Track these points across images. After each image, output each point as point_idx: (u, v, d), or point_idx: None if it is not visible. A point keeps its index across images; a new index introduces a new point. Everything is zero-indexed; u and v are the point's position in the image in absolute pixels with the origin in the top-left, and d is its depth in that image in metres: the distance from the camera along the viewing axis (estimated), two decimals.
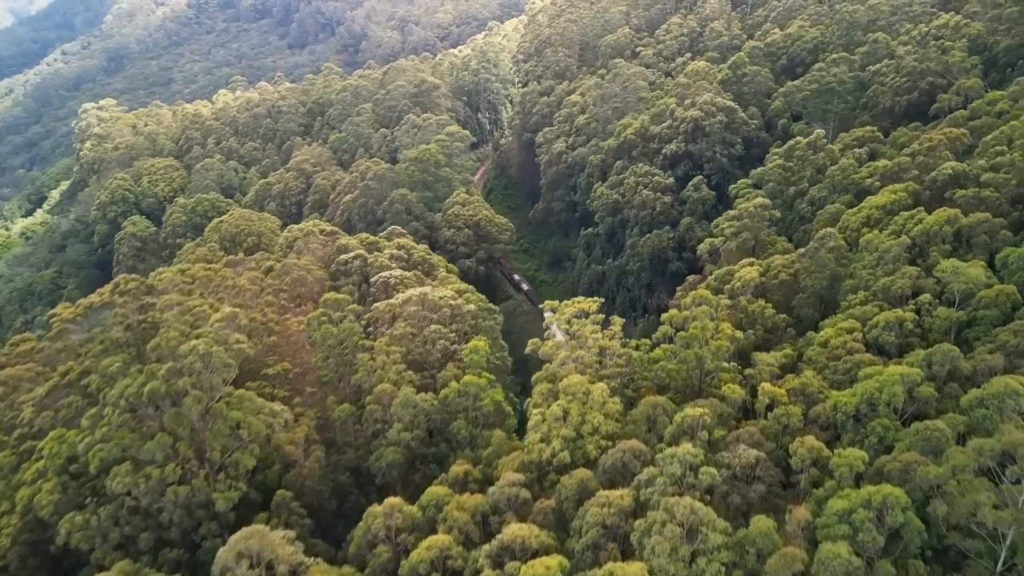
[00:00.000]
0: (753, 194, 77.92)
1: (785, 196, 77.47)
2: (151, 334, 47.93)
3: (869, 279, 53.52)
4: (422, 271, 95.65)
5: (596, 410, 42.02)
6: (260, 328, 57.69)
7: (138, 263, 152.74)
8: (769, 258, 66.69)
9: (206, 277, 62.08)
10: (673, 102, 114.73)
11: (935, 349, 43.12)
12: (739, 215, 69.95)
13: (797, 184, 76.16)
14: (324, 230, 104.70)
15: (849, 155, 77.14)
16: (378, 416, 50.41)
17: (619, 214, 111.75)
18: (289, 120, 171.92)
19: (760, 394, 44.54)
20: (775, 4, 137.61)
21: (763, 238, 68.85)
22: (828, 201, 73.09)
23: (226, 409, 44.58)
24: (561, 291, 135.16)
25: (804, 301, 57.58)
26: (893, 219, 58.79)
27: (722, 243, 69.91)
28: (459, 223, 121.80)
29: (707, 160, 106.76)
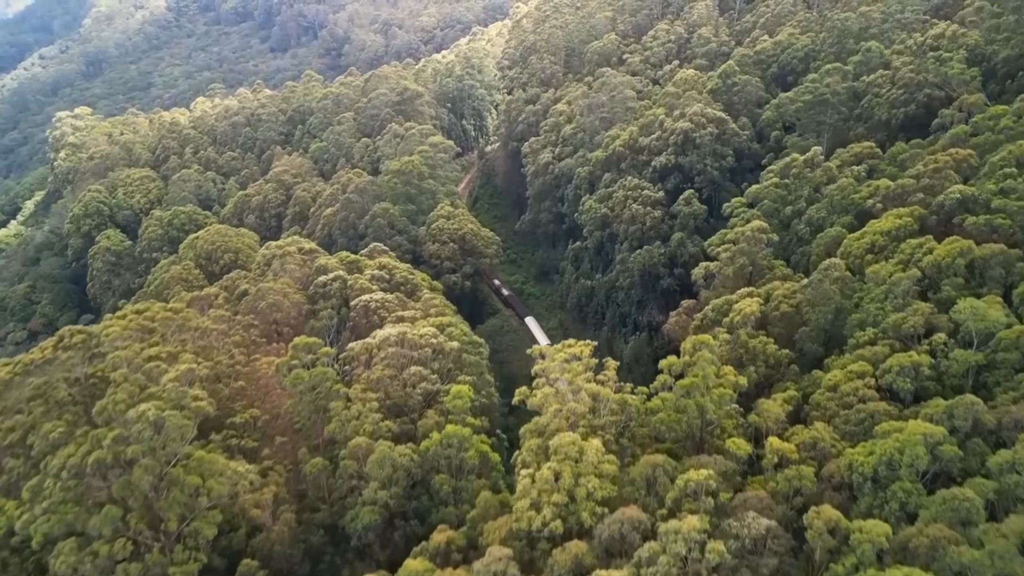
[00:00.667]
0: (748, 213, 74.19)
1: (781, 216, 73.83)
2: (101, 390, 43.48)
3: (877, 314, 49.90)
4: (404, 292, 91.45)
5: (591, 472, 38.16)
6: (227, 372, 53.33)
7: (113, 278, 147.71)
8: (768, 284, 62.95)
9: (166, 319, 57.44)
10: (662, 112, 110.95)
11: (957, 401, 39.53)
12: (735, 239, 66.17)
13: (794, 204, 72.53)
14: (303, 248, 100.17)
15: (847, 172, 73.58)
16: (353, 472, 46.30)
17: (608, 228, 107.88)
18: (269, 129, 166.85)
19: (768, 450, 40.82)
20: (763, 10, 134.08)
21: (761, 262, 65.16)
22: (827, 222, 69.49)
23: (183, 474, 40.26)
24: (549, 304, 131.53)
25: (807, 335, 53.90)
26: (899, 247, 55.22)
27: (718, 268, 66.11)
28: (444, 237, 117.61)
29: (698, 173, 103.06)
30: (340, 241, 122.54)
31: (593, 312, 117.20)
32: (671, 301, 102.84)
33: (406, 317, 79.87)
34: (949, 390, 44.01)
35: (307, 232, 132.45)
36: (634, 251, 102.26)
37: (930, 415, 39.68)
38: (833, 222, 68.73)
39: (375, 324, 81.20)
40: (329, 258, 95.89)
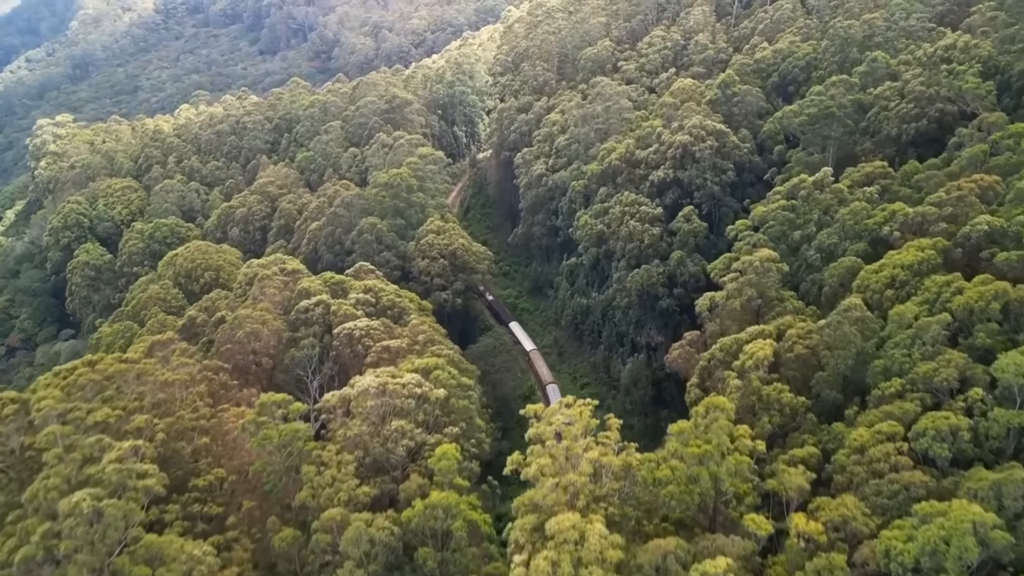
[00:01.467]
0: (754, 238, 69.33)
1: (790, 240, 68.99)
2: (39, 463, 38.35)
3: (904, 362, 45.19)
4: (392, 316, 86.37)
5: (592, 561, 33.37)
6: (190, 427, 48.27)
7: (92, 294, 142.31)
8: (779, 319, 58.09)
9: (121, 372, 52.16)
10: (659, 124, 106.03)
11: (1005, 477, 34.87)
12: (743, 268, 61.31)
13: (803, 228, 67.72)
14: (285, 268, 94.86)
15: (859, 193, 68.83)
16: (327, 546, 41.39)
17: (604, 245, 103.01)
18: (254, 137, 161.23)
19: (792, 531, 36.09)
20: (762, 16, 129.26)
21: (770, 294, 60.38)
22: (839, 249, 64.70)
23: (129, 564, 35.14)
24: (543, 319, 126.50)
25: (825, 381, 49.13)
26: (923, 283, 50.49)
27: (724, 299, 61.28)
28: (433, 253, 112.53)
29: (697, 188, 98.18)
30: (326, 257, 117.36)
31: (589, 330, 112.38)
32: (670, 321, 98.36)
33: (392, 348, 75.00)
34: (989, 453, 39.40)
35: (292, 246, 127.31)
36: (632, 270, 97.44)
37: (974, 491, 35.01)
38: (846, 249, 63.97)
39: (359, 354, 76.32)
40: (312, 280, 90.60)
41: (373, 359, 74.20)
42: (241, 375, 76.19)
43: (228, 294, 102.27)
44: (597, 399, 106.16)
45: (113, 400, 47.75)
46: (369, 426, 46.73)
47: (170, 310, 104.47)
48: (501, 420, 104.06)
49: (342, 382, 77.59)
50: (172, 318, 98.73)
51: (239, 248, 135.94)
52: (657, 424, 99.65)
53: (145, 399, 48.94)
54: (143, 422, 42.68)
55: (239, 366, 76.24)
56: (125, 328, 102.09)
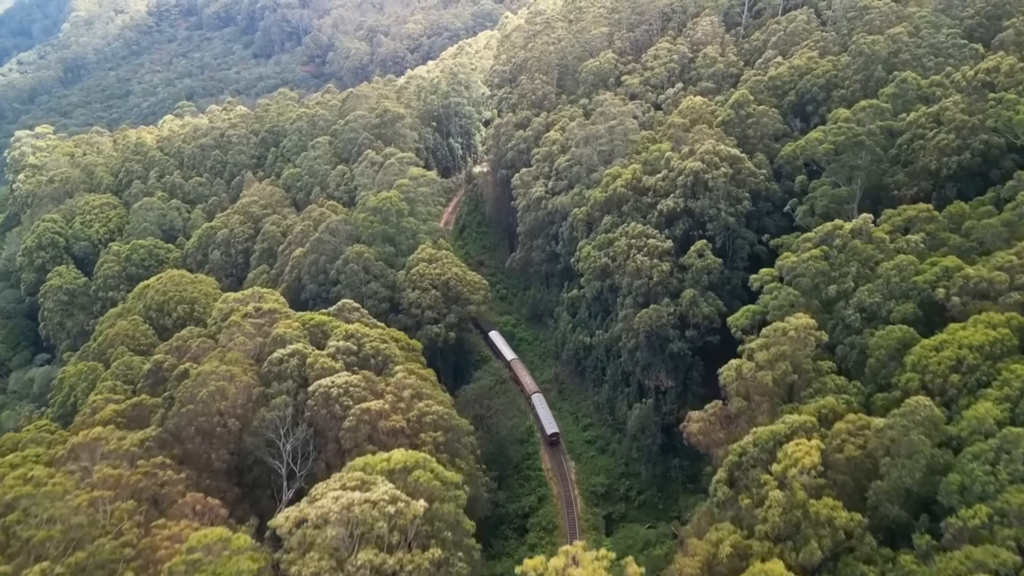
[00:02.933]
0: (782, 293, 60.28)
1: (823, 295, 60.00)
2: None
3: (987, 482, 36.51)
4: (375, 366, 77.44)
5: None
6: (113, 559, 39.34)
7: (65, 319, 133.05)
8: (816, 397, 49.19)
9: (28, 494, 42.84)
10: (668, 148, 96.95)
11: None
12: (774, 337, 52.31)
13: (839, 282, 58.69)
14: (260, 308, 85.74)
15: (901, 242, 59.87)
16: None
17: (608, 278, 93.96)
18: (239, 152, 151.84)
19: None
20: (775, 27, 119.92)
21: (806, 366, 51.46)
22: (883, 309, 55.78)
23: None
24: (542, 351, 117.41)
25: (886, 494, 40.32)
26: (999, 372, 41.67)
27: (752, 371, 52.30)
28: (424, 283, 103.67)
29: (710, 219, 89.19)
30: (310, 287, 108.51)
31: (592, 367, 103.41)
32: (681, 364, 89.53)
33: (372, 411, 66.09)
34: None
35: (276, 272, 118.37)
36: (639, 308, 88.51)
37: None
38: (891, 310, 55.04)
39: (337, 415, 67.50)
40: (289, 322, 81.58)
41: (351, 423, 65.55)
42: (205, 439, 67.33)
43: (202, 331, 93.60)
44: (601, 441, 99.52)
45: (16, 533, 38.59)
46: (331, 561, 37.86)
47: (139, 348, 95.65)
48: (497, 467, 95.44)
49: (319, 446, 68.93)
50: (139, 359, 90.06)
51: (221, 272, 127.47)
52: (667, 473, 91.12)
53: (56, 526, 39.95)
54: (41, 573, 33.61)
55: (202, 429, 67.32)
56: (89, 370, 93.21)
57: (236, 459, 68.78)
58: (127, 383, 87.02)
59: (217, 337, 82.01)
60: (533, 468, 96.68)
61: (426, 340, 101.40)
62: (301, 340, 78.32)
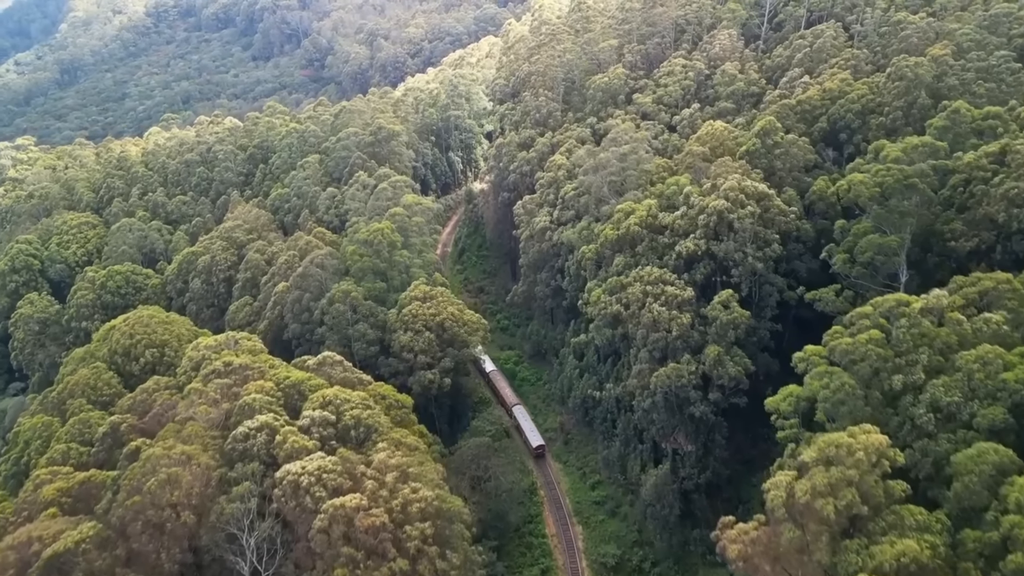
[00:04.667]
0: (835, 379, 49.51)
1: (886, 387, 49.27)
2: None
3: None
4: (356, 439, 66.93)
5: None
6: None
7: (36, 350, 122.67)
8: (890, 535, 38.61)
9: None
10: (687, 181, 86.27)
11: None
12: (835, 453, 41.53)
13: (906, 372, 47.99)
14: (231, 364, 75.30)
15: (979, 322, 49.15)
16: None
17: (621, 326, 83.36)
18: (226, 169, 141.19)
19: None
20: (799, 43, 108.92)
21: (875, 492, 40.86)
22: (964, 411, 45.15)
23: None
24: (545, 394, 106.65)
25: None
26: None
27: (807, 496, 41.39)
28: (417, 325, 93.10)
29: (735, 263, 78.44)
30: (293, 327, 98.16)
31: (601, 418, 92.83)
32: (703, 427, 78.97)
33: (348, 508, 55.59)
34: None
35: (259, 305, 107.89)
36: (655, 364, 78.02)
37: None
38: (974, 413, 44.41)
39: (307, 509, 57.13)
40: (261, 383, 71.04)
41: (323, 523, 55.16)
42: (154, 536, 57.04)
43: (170, 381, 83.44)
44: (611, 503, 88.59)
45: None
46: None
47: (101, 399, 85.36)
48: (496, 533, 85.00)
49: (287, 542, 58.51)
50: (97, 416, 79.96)
51: (202, 302, 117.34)
52: (684, 546, 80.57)
53: None
54: None
55: (151, 523, 57.01)
56: (44, 425, 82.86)
57: (191, 557, 58.45)
58: (83, 444, 77.14)
59: (186, 389, 71.54)
60: (536, 534, 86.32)
61: (419, 387, 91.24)
62: (273, 407, 68.04)
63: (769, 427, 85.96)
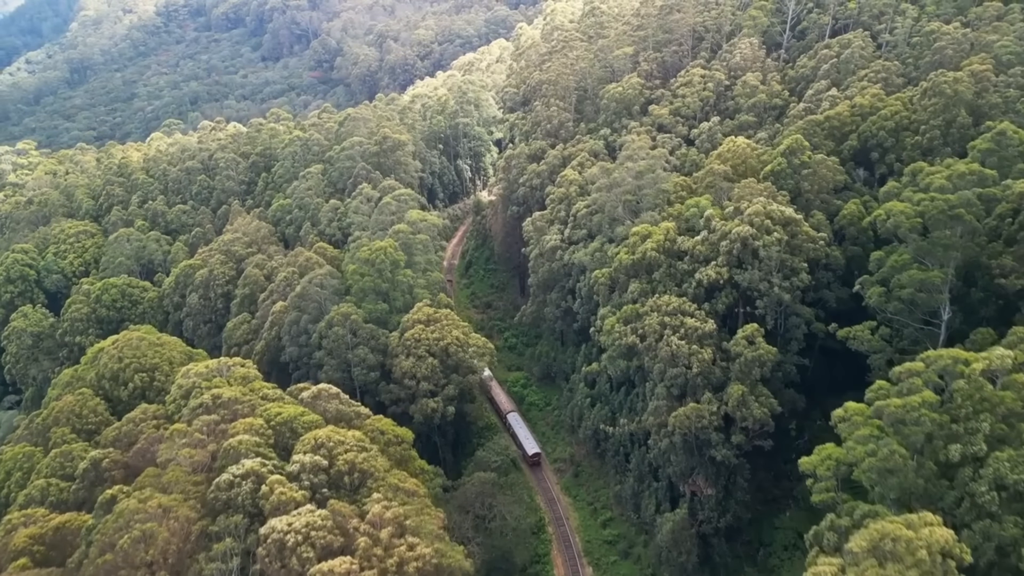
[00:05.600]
0: (884, 447, 43.53)
1: (940, 456, 43.27)
2: None
3: None
4: (349, 487, 61.42)
5: None
6: None
7: (29, 365, 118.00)
8: None
9: None
10: (708, 203, 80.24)
11: None
12: (885, 544, 35.59)
13: (965, 443, 42.03)
14: (218, 397, 69.99)
15: None
16: None
17: (636, 358, 77.51)
18: (227, 178, 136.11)
19: None
20: (825, 53, 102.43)
21: None
22: None
23: None
24: (554, 421, 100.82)
25: None
26: None
27: None
28: (420, 350, 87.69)
29: (760, 294, 72.37)
30: (290, 349, 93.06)
31: (614, 451, 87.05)
32: (723, 470, 73.05)
33: (337, 572, 50.09)
34: None
35: (257, 323, 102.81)
36: (673, 401, 72.15)
37: None
38: None
39: (293, 571, 51.59)
40: (249, 421, 65.68)
41: None
42: None
43: (159, 409, 78.44)
44: (623, 542, 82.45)
45: None
46: None
47: (86, 427, 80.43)
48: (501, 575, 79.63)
49: None
50: (80, 447, 75.12)
51: (199, 317, 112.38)
52: None
53: None
54: None
55: None
56: (26, 456, 78.02)
57: None
58: (64, 478, 72.29)
59: (170, 429, 66.25)
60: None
61: (420, 416, 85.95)
62: (262, 448, 62.73)
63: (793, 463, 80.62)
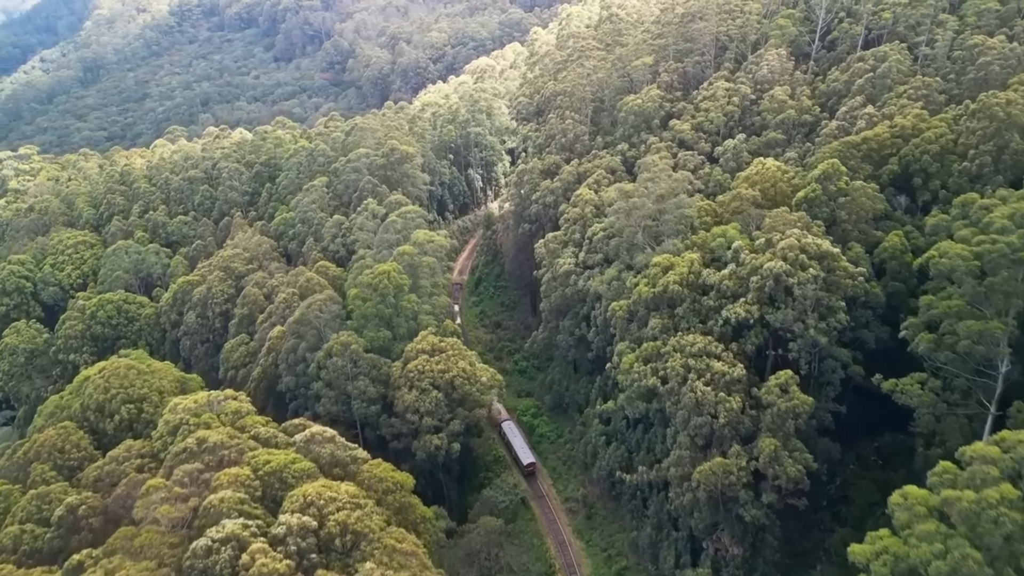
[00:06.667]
0: (953, 548, 36.80)
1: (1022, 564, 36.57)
2: None
3: None
4: (341, 550, 55.27)
5: None
6: None
7: (22, 383, 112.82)
8: None
9: None
10: (736, 232, 73.57)
11: None
12: None
13: None
14: (203, 441, 64.11)
15: None
16: None
17: (656, 400, 70.99)
18: (230, 188, 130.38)
19: None
20: (859, 67, 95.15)
21: None
22: None
23: None
24: (566, 456, 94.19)
25: None
26: None
27: None
28: (424, 382, 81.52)
29: (794, 336, 65.63)
30: (287, 379, 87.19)
31: (630, 494, 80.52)
32: (750, 528, 66.40)
33: None
34: None
35: (255, 345, 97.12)
36: (698, 452, 65.70)
37: None
38: None
39: None
40: (235, 472, 59.75)
41: None
42: None
43: (144, 445, 72.99)
44: None
45: None
46: None
47: (68, 464, 74.87)
48: None
49: None
50: (59, 489, 69.35)
51: (196, 337, 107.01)
52: None
53: None
54: None
55: None
56: (3, 496, 72.32)
57: None
58: (40, 523, 66.80)
59: (146, 484, 60.31)
60: None
61: (423, 453, 79.84)
62: (247, 504, 56.72)
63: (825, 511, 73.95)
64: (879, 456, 76.51)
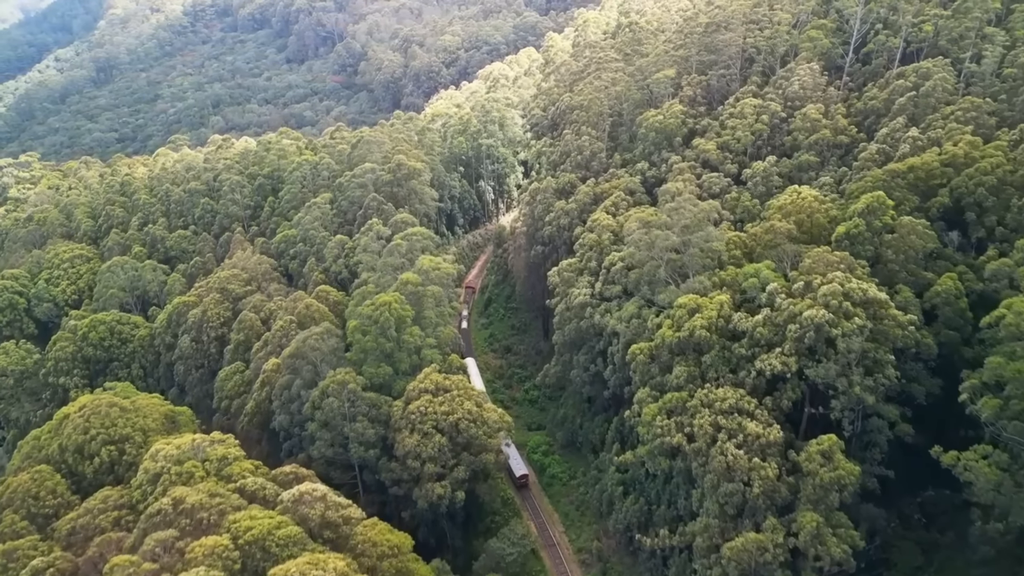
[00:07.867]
0: None
1: None
2: None
3: None
4: None
5: None
6: None
7: (11, 406, 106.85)
8: None
9: None
10: (770, 273, 65.96)
11: None
12: None
13: None
14: (179, 500, 57.56)
15: None
16: None
17: (681, 458, 63.67)
18: (232, 202, 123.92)
19: None
20: (900, 84, 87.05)
21: None
22: None
23: None
24: (579, 501, 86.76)
25: None
26: None
27: None
28: (426, 425, 74.43)
29: (837, 393, 58.11)
30: (280, 418, 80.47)
31: (650, 553, 72.97)
32: None
33: None
34: None
35: (250, 374, 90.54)
36: (727, 521, 58.33)
37: None
38: None
39: None
40: (214, 541, 53.02)
41: None
42: None
43: (124, 492, 66.78)
44: None
45: None
46: None
47: (42, 511, 68.65)
48: None
49: None
50: (28, 544, 62.98)
51: (191, 361, 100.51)
52: None
53: None
54: None
55: None
56: None
57: None
58: None
59: (110, 563, 53.74)
60: None
61: (425, 503, 72.89)
62: None
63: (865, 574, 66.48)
64: (923, 514, 68.90)
